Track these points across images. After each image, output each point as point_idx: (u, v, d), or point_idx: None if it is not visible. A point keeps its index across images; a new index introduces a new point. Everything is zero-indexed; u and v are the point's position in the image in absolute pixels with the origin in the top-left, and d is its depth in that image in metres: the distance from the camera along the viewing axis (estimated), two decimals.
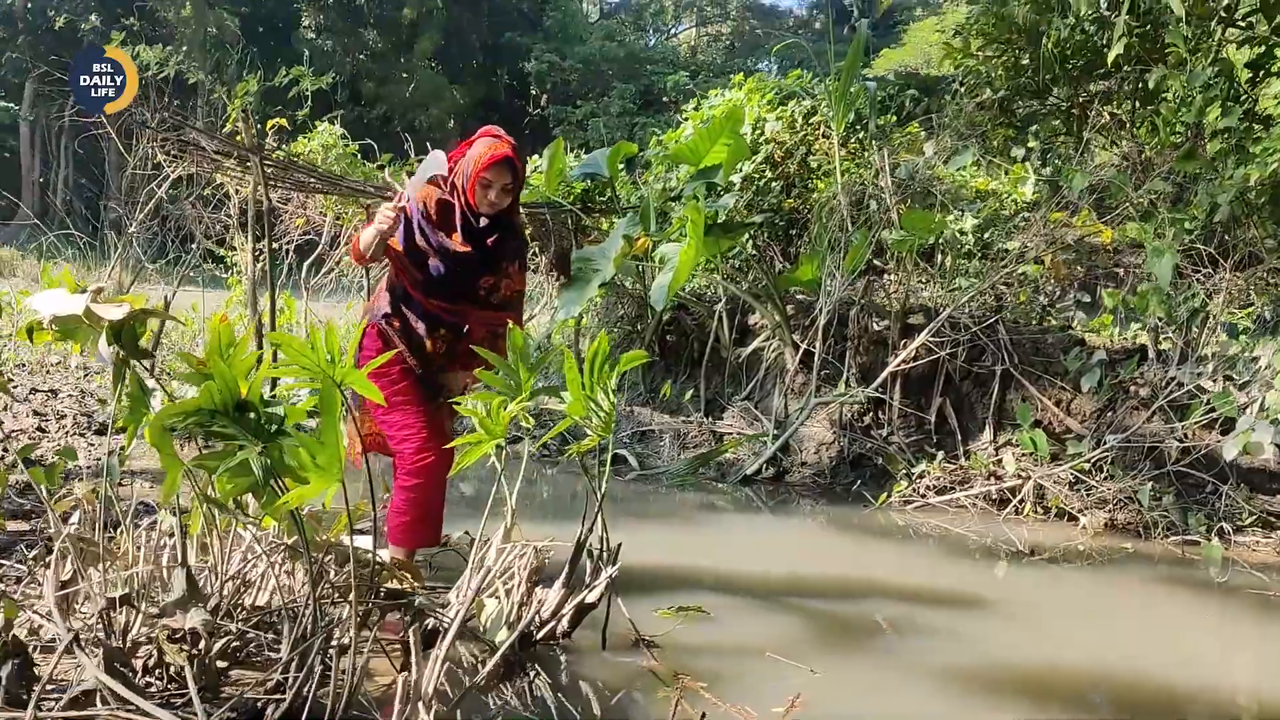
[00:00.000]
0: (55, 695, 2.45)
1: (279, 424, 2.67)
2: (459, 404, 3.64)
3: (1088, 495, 5.92)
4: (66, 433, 6.15)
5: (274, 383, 6.32)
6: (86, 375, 8.43)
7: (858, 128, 8.49)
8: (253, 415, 2.65)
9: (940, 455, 6.44)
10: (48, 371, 8.47)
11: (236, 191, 10.32)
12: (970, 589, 4.69)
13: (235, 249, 10.81)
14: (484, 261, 3.79)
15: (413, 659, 2.38)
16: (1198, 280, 6.29)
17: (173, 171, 8.92)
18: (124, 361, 2.88)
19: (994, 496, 6.12)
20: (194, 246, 9.11)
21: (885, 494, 6.17)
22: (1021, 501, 5.99)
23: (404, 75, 33.95)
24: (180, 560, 2.70)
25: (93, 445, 5.98)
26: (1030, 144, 7.13)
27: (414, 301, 3.84)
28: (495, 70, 38.48)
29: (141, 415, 2.84)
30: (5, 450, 5.34)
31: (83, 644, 2.46)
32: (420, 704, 2.34)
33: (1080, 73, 6.89)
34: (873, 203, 7.00)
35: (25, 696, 2.38)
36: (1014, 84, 7.00)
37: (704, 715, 2.86)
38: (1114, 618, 4.41)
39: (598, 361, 3.40)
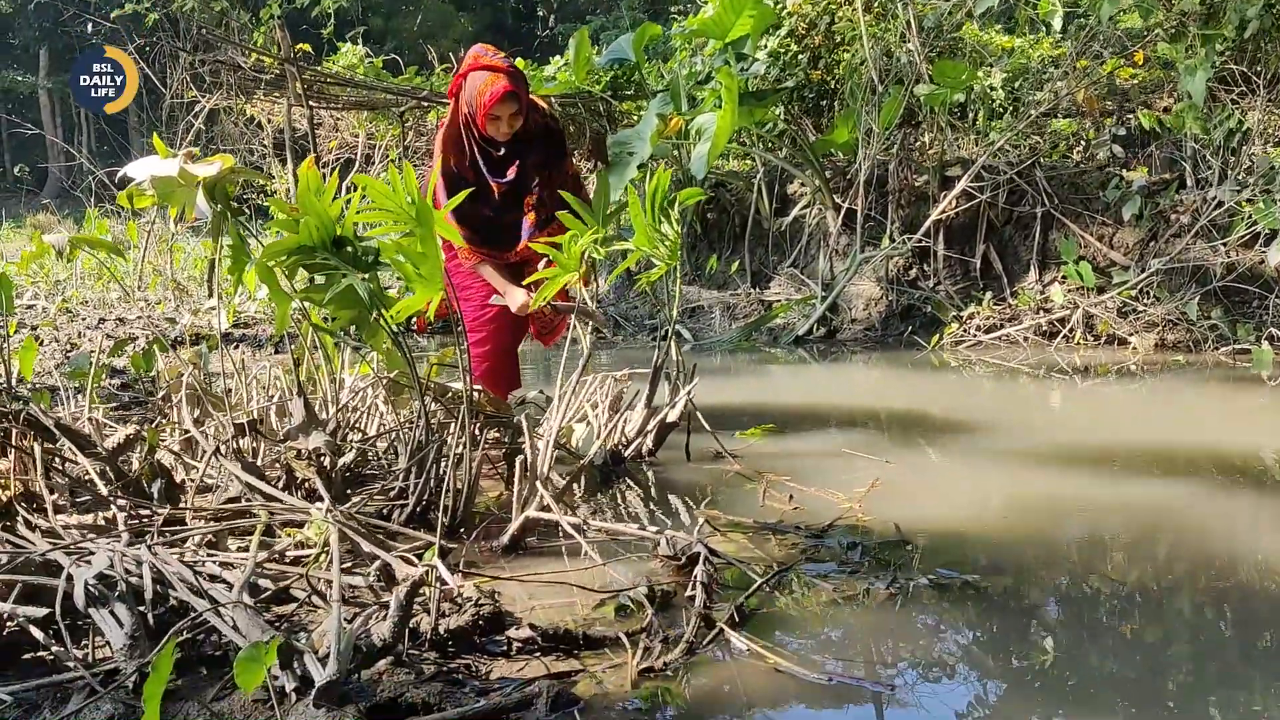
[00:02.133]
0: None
1: (375, 255, 2.85)
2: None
3: (1136, 320, 6.04)
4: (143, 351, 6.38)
5: None
6: (148, 305, 8.69)
7: None
8: (350, 249, 2.84)
9: (989, 296, 6.57)
10: (110, 307, 8.73)
11: (269, 120, 10.48)
12: (1028, 399, 4.88)
13: (274, 177, 11.00)
14: (520, 184, 3.80)
15: (526, 442, 2.58)
16: (1232, 101, 6.32)
17: (207, 102, 9.08)
18: (221, 215, 3.07)
19: (1044, 329, 6.26)
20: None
21: (937, 336, 6.31)
22: (1071, 330, 6.12)
23: (410, 8, 33.68)
24: (297, 391, 2.90)
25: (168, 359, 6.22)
26: None
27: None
28: None
29: (244, 262, 3.04)
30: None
31: (223, 454, 2.69)
32: (538, 481, 2.54)
33: None
34: (903, 56, 7.03)
35: (174, 508, 2.61)
36: None
37: (791, 497, 3.06)
38: (1171, 409, 4.58)
39: (658, 196, 3.55)
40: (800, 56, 8.69)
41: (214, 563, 2.11)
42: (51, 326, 6.88)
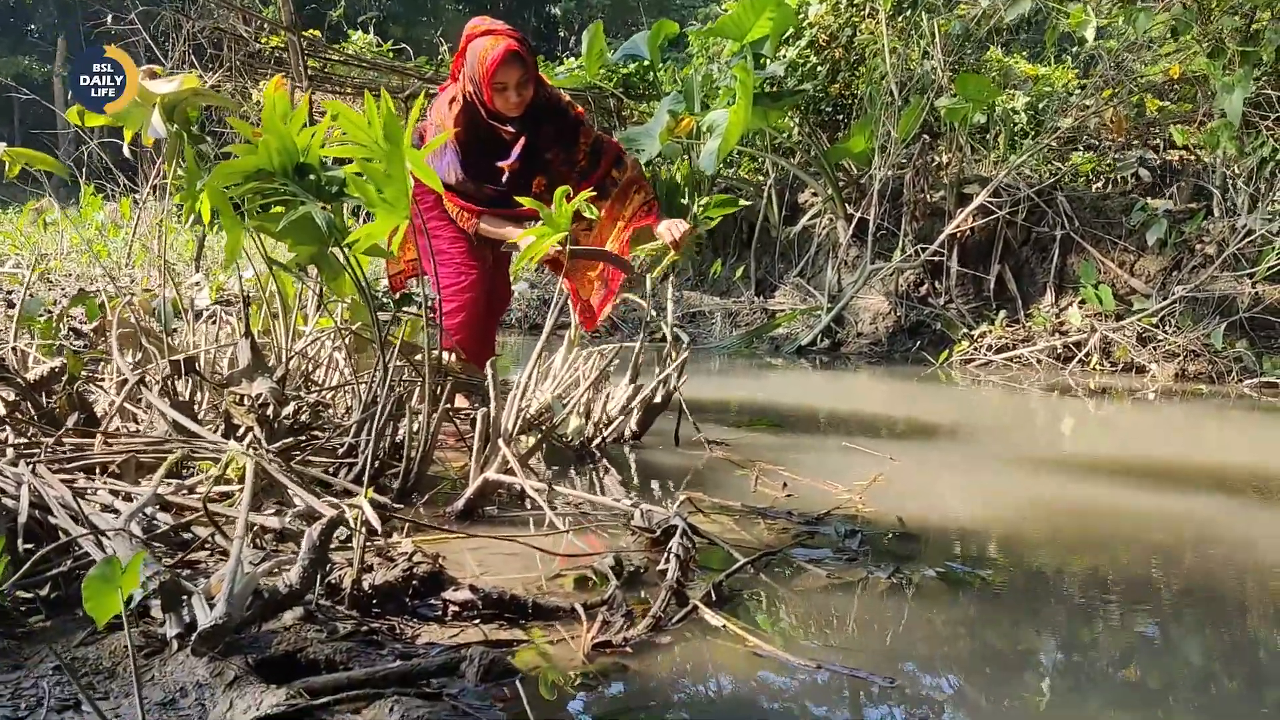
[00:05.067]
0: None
1: (340, 185, 2.58)
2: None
3: (1156, 348, 5.75)
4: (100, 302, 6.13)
5: None
6: (132, 282, 8.43)
7: (904, 5, 8.24)
8: (313, 178, 2.57)
9: (1002, 316, 6.28)
10: (92, 280, 8.49)
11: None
12: (1039, 414, 4.61)
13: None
14: (530, 165, 3.42)
15: (492, 398, 2.29)
16: (1266, 128, 6.05)
17: (209, 78, 8.84)
18: (178, 136, 2.81)
19: (1058, 352, 5.96)
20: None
21: (946, 353, 6.02)
22: (1088, 355, 5.82)
23: (429, 19, 33.68)
24: (244, 331, 2.61)
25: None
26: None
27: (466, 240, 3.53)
28: (522, 14, 38.08)
29: (199, 186, 2.76)
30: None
31: (149, 387, 2.40)
32: (500, 440, 2.26)
33: None
34: (926, 63, 6.78)
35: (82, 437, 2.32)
36: None
37: (785, 485, 2.76)
38: (1191, 432, 4.30)
39: (673, 189, 3.32)
40: (819, 69, 8.45)
41: (111, 493, 1.81)
42: (18, 283, 6.58)
